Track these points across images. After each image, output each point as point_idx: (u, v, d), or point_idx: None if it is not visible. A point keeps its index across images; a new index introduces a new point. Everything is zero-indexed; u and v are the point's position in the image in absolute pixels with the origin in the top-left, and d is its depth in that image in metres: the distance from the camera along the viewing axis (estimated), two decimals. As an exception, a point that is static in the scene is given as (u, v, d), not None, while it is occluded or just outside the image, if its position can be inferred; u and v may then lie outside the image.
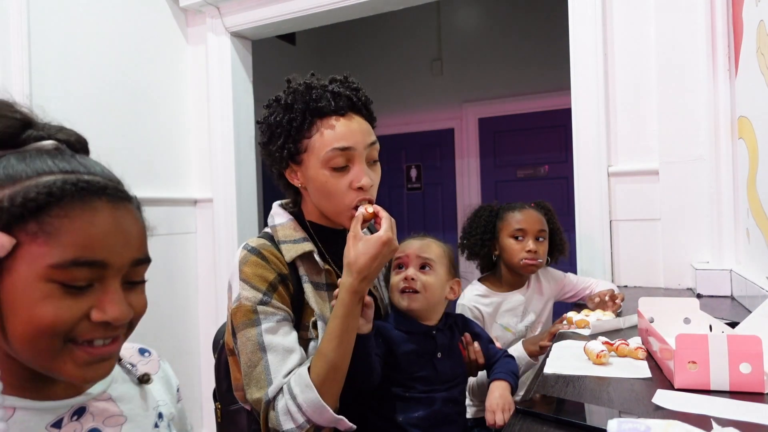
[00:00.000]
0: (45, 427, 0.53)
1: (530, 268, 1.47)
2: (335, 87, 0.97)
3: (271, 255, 0.95)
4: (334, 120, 0.95)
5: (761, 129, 1.27)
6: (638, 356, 0.93)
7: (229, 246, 2.48)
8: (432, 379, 1.01)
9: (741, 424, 0.63)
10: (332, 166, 0.94)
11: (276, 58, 3.83)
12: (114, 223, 0.51)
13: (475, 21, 4.05)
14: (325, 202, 0.98)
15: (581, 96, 1.83)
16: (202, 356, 2.57)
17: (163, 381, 0.72)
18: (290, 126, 0.95)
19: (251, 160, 2.61)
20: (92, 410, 0.58)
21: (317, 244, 1.02)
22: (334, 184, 0.95)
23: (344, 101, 0.96)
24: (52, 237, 0.48)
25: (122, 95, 2.21)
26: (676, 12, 1.68)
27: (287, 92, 0.98)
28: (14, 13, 1.81)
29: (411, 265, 1.06)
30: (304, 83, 0.98)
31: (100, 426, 0.57)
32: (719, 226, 1.59)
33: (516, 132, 3.92)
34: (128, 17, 2.25)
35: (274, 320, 0.89)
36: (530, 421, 0.70)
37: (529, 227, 1.47)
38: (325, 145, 0.94)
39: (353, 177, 0.95)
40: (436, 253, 1.08)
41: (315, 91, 0.95)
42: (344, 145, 0.93)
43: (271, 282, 0.92)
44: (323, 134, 0.94)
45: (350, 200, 0.95)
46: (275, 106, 0.99)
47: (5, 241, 0.47)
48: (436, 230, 4.15)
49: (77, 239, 0.49)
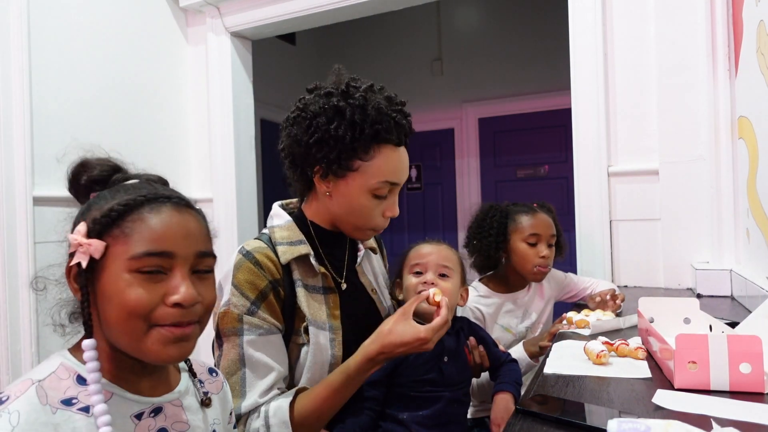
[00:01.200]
0: (130, 416, 0.63)
1: (541, 275, 1.46)
2: (398, 116, 0.96)
3: (266, 259, 0.94)
4: (391, 150, 0.96)
5: (761, 129, 1.27)
6: (638, 356, 0.93)
7: (229, 246, 2.48)
8: (438, 382, 1.01)
9: (741, 424, 0.63)
10: (376, 194, 0.96)
11: (276, 58, 3.83)
12: (178, 223, 0.64)
13: (475, 21, 4.05)
14: (351, 218, 0.99)
15: (581, 96, 1.83)
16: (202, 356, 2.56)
17: (222, 402, 0.78)
18: (352, 144, 0.93)
19: (251, 160, 2.61)
20: (166, 412, 0.67)
21: (316, 246, 1.02)
22: (371, 208, 0.97)
23: (403, 133, 0.98)
24: (129, 237, 0.61)
25: (122, 95, 2.21)
26: (676, 12, 1.68)
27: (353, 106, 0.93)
28: (14, 13, 1.81)
29: (430, 271, 1.07)
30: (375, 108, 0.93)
31: (169, 428, 0.66)
32: (719, 226, 1.59)
33: (516, 132, 3.92)
34: (128, 17, 2.25)
35: (257, 333, 0.90)
36: (530, 421, 0.70)
37: (543, 232, 1.45)
38: (379, 176, 0.95)
39: (386, 207, 0.99)
40: (454, 261, 1.10)
41: (384, 117, 0.94)
42: (395, 181, 0.97)
43: (261, 290, 0.92)
44: (380, 163, 0.95)
45: (377, 224, 0.99)
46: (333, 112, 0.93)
47: (99, 245, 0.60)
48: (436, 230, 4.15)
49: (148, 235, 0.61)
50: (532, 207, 1.51)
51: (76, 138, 1.95)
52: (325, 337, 0.96)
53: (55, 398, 0.58)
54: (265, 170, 3.66)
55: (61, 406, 0.58)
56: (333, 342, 0.96)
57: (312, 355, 0.94)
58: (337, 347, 0.96)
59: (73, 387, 0.60)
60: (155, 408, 0.66)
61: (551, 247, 1.46)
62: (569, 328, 1.24)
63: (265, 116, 3.60)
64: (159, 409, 0.66)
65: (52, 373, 0.60)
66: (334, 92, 0.95)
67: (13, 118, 1.80)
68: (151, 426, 0.65)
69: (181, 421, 0.68)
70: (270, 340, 0.91)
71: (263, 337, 0.90)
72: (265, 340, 0.90)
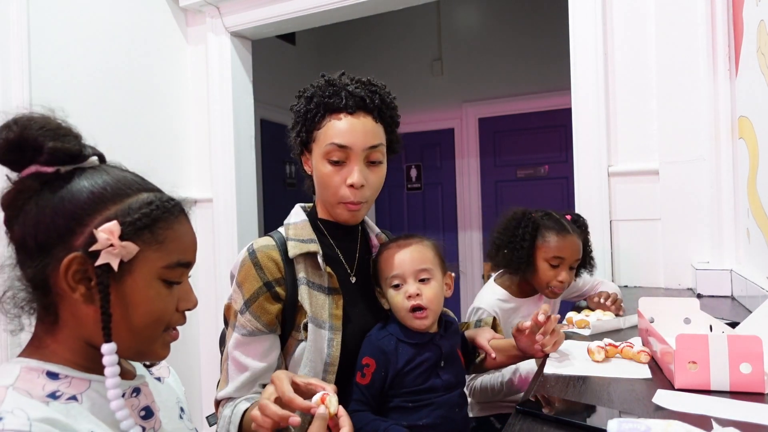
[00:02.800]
0: None
1: (554, 295, 1.43)
2: (354, 87, 1.00)
3: (266, 259, 0.97)
4: (342, 116, 0.99)
5: (761, 129, 1.26)
6: (641, 360, 0.93)
7: (229, 246, 2.48)
8: (437, 388, 0.99)
9: (741, 424, 0.63)
10: (330, 159, 0.99)
11: (276, 58, 3.83)
12: (191, 233, 0.67)
13: (475, 21, 4.05)
14: (322, 192, 1.03)
15: (581, 96, 1.83)
16: (202, 356, 2.57)
17: (175, 383, 0.80)
18: (306, 116, 1.02)
19: (251, 160, 2.61)
20: (144, 392, 0.69)
21: (329, 242, 1.05)
22: (329, 176, 0.99)
23: (356, 100, 0.99)
24: (162, 244, 0.61)
25: (122, 95, 2.21)
26: (676, 12, 1.68)
27: (314, 86, 1.04)
28: (14, 13, 1.81)
29: (409, 280, 0.98)
30: (326, 80, 1.03)
31: (150, 405, 0.68)
32: (719, 226, 1.59)
33: (516, 132, 3.92)
34: (128, 17, 2.25)
35: (242, 333, 0.95)
36: (530, 421, 0.70)
37: (567, 257, 1.38)
38: (327, 138, 0.99)
39: (347, 174, 0.99)
40: (430, 258, 1.01)
41: (333, 88, 1.00)
42: (341, 143, 0.97)
43: (254, 292, 0.96)
44: (328, 128, 0.99)
45: (342, 195, 0.99)
46: (301, 96, 1.05)
47: (132, 249, 0.59)
48: (436, 230, 4.15)
49: (179, 246, 0.63)
50: (563, 225, 1.42)
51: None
52: (324, 335, 0.96)
53: (38, 394, 0.56)
54: (265, 170, 3.66)
55: (49, 400, 0.56)
56: (331, 342, 0.96)
57: (309, 352, 0.95)
58: (335, 347, 0.96)
59: (49, 383, 0.58)
60: (135, 389, 0.67)
61: (572, 270, 1.41)
62: (569, 328, 1.24)
63: (265, 116, 3.59)
64: (138, 389, 0.67)
65: (18, 376, 0.57)
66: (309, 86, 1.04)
67: (12, 118, 1.80)
68: (135, 405, 0.66)
69: (155, 401, 0.70)
70: (253, 341, 0.96)
71: (245, 337, 0.96)
72: (247, 341, 0.96)
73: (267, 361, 0.96)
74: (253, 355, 0.95)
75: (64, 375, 0.59)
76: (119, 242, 0.57)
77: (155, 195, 0.63)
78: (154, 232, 0.60)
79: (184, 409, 0.77)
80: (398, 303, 0.99)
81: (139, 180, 0.65)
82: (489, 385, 1.36)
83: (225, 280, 2.44)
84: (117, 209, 0.59)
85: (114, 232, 0.57)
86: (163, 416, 0.69)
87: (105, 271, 0.58)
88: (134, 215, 0.59)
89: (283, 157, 3.87)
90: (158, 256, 0.61)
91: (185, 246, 0.64)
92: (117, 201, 0.60)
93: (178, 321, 0.66)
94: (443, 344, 1.02)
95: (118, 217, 0.59)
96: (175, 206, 0.64)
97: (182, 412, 0.76)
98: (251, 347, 0.96)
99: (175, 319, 0.65)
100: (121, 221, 0.58)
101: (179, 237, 0.63)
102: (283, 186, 3.92)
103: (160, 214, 0.61)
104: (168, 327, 0.65)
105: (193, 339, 2.54)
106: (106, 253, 0.57)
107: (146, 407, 0.67)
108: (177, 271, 0.63)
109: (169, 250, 0.61)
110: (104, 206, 0.59)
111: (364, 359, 0.97)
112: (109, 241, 0.57)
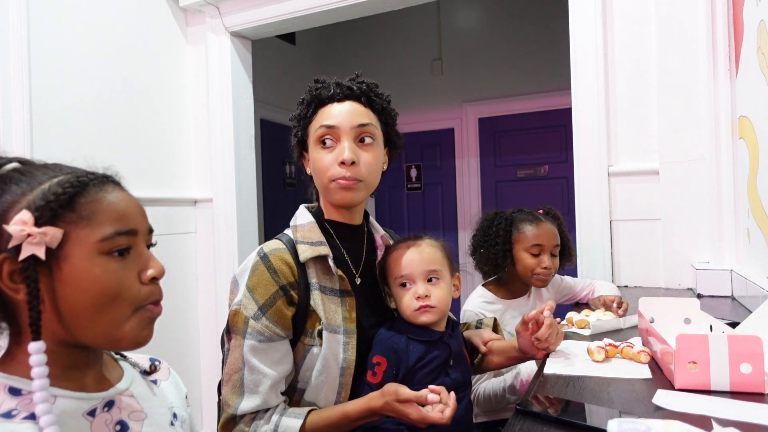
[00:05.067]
0: (82, 414, 0.60)
1: (542, 282, 1.45)
2: (342, 81, 1.04)
3: (281, 263, 0.96)
4: (331, 105, 1.02)
5: (762, 129, 1.26)
6: (641, 360, 0.93)
7: (229, 246, 2.48)
8: (446, 387, 0.98)
9: (741, 424, 0.63)
10: (320, 141, 1.01)
11: (276, 58, 3.83)
12: (127, 200, 0.63)
13: (475, 21, 4.05)
14: (318, 181, 1.03)
15: (581, 96, 1.83)
16: (202, 356, 2.57)
17: (174, 386, 0.77)
18: (300, 116, 1.05)
19: (251, 160, 2.61)
20: (119, 404, 0.65)
21: (336, 243, 1.04)
22: (321, 158, 1.00)
23: (343, 90, 1.02)
24: (91, 219, 0.58)
25: (122, 95, 2.21)
26: (676, 12, 1.68)
27: (306, 90, 1.07)
28: (14, 13, 1.81)
29: (418, 281, 0.99)
30: (316, 79, 1.06)
31: (126, 419, 0.64)
32: (719, 226, 1.59)
33: (516, 132, 3.92)
34: (128, 17, 2.25)
35: (258, 339, 0.92)
36: (530, 421, 0.70)
37: (546, 243, 1.42)
38: (317, 125, 1.02)
39: (338, 153, 0.99)
40: (439, 259, 1.02)
41: (323, 83, 1.04)
42: (330, 123, 1.00)
43: (271, 296, 0.93)
44: (318, 116, 1.02)
45: (333, 173, 0.99)
46: (298, 104, 1.08)
47: (56, 232, 0.56)
48: (435, 230, 4.15)
49: (111, 216, 0.60)
50: (536, 215, 1.48)
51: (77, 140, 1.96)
52: (339, 340, 0.96)
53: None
54: (265, 170, 3.66)
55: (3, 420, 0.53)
56: (347, 346, 0.96)
57: (324, 359, 0.94)
58: (350, 351, 0.96)
59: (8, 400, 0.55)
60: (107, 402, 0.63)
61: (554, 257, 1.44)
62: (569, 328, 1.24)
63: (265, 116, 3.59)
64: (112, 402, 0.64)
65: None
66: None
67: (12, 117, 1.80)
68: (107, 420, 0.62)
69: (137, 411, 0.66)
70: (270, 347, 0.93)
71: (263, 343, 0.93)
72: (265, 347, 0.93)
73: (284, 367, 0.94)
74: (271, 362, 0.93)
75: (27, 391, 0.56)
76: (36, 230, 0.55)
77: (69, 175, 0.60)
78: (75, 209, 0.58)
79: (177, 415, 0.73)
80: (406, 303, 0.99)
81: (57, 168, 0.62)
82: (492, 393, 1.36)
83: (225, 279, 2.44)
84: (28, 199, 0.57)
85: (26, 221, 0.55)
86: (149, 424, 0.66)
87: (32, 264, 0.55)
88: (48, 198, 0.57)
89: (283, 157, 3.87)
90: (89, 232, 0.58)
91: (118, 214, 0.60)
92: (28, 192, 0.58)
93: (148, 294, 0.61)
94: (452, 343, 1.02)
95: (30, 205, 0.56)
96: (93, 179, 0.61)
97: (174, 418, 0.72)
98: (269, 354, 0.93)
99: (144, 292, 0.61)
100: (34, 208, 0.56)
101: (108, 207, 0.60)
102: (283, 186, 3.92)
103: (76, 191, 0.58)
104: (138, 305, 0.60)
105: (193, 339, 2.54)
106: (27, 245, 0.55)
107: (121, 421, 0.63)
108: (118, 241, 0.59)
109: (99, 222, 0.58)
110: (18, 201, 0.57)
111: (374, 358, 0.97)
112: (23, 231, 0.54)
